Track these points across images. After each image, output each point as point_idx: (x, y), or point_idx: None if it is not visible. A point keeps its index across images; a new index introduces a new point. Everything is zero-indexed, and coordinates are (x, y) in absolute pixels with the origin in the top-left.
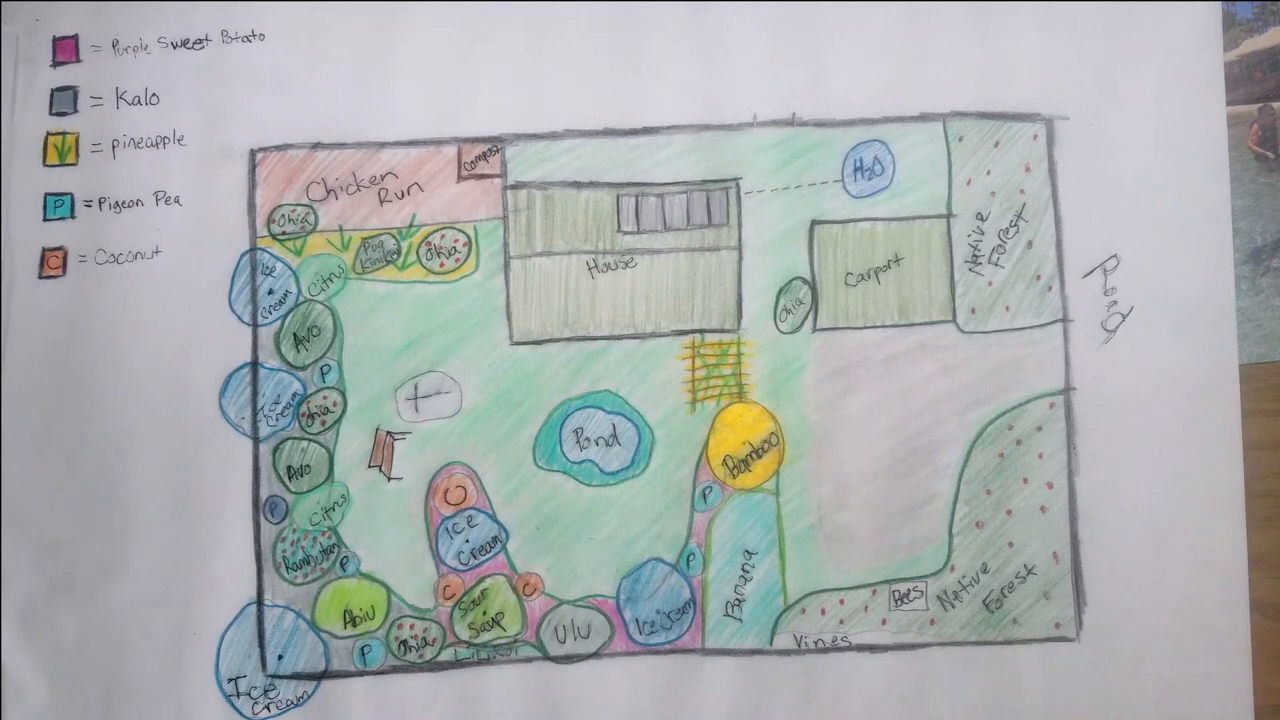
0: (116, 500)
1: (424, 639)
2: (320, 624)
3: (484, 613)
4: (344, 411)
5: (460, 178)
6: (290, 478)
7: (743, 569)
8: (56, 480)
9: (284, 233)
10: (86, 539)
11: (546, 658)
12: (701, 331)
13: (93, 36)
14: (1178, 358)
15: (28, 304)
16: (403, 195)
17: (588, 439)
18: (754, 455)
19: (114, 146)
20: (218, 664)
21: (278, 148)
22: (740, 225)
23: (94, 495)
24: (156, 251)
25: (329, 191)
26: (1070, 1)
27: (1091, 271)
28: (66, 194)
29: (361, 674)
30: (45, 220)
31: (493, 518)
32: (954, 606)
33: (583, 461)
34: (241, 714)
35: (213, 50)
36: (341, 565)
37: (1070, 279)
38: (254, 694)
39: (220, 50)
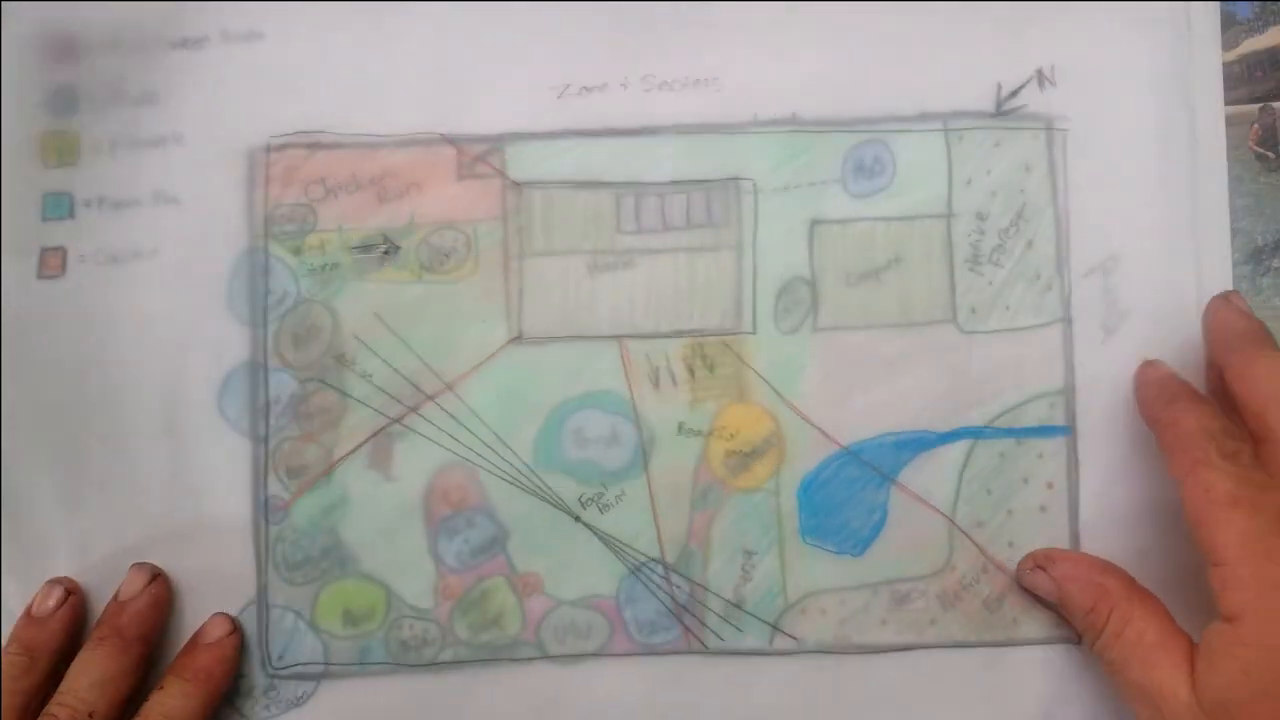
0: (115, 501)
1: (424, 639)
2: (320, 624)
3: (484, 613)
4: (343, 412)
5: (460, 177)
6: (290, 478)
7: (743, 569)
8: (56, 481)
9: (283, 232)
10: (86, 540)
11: (546, 658)
12: (701, 331)
13: (92, 36)
14: (1177, 357)
15: (27, 304)
16: (402, 195)
17: (588, 439)
18: (754, 455)
19: (114, 146)
20: None
21: (277, 147)
22: (740, 225)
23: (93, 496)
24: (156, 251)
25: (328, 191)
26: (1070, 1)
27: (1091, 271)
28: (66, 194)
29: (362, 674)
30: (44, 220)
31: (492, 518)
32: (954, 606)
33: (583, 461)
34: (242, 713)
35: (213, 50)
36: (341, 565)
37: (1070, 278)
38: (254, 693)
39: (220, 50)
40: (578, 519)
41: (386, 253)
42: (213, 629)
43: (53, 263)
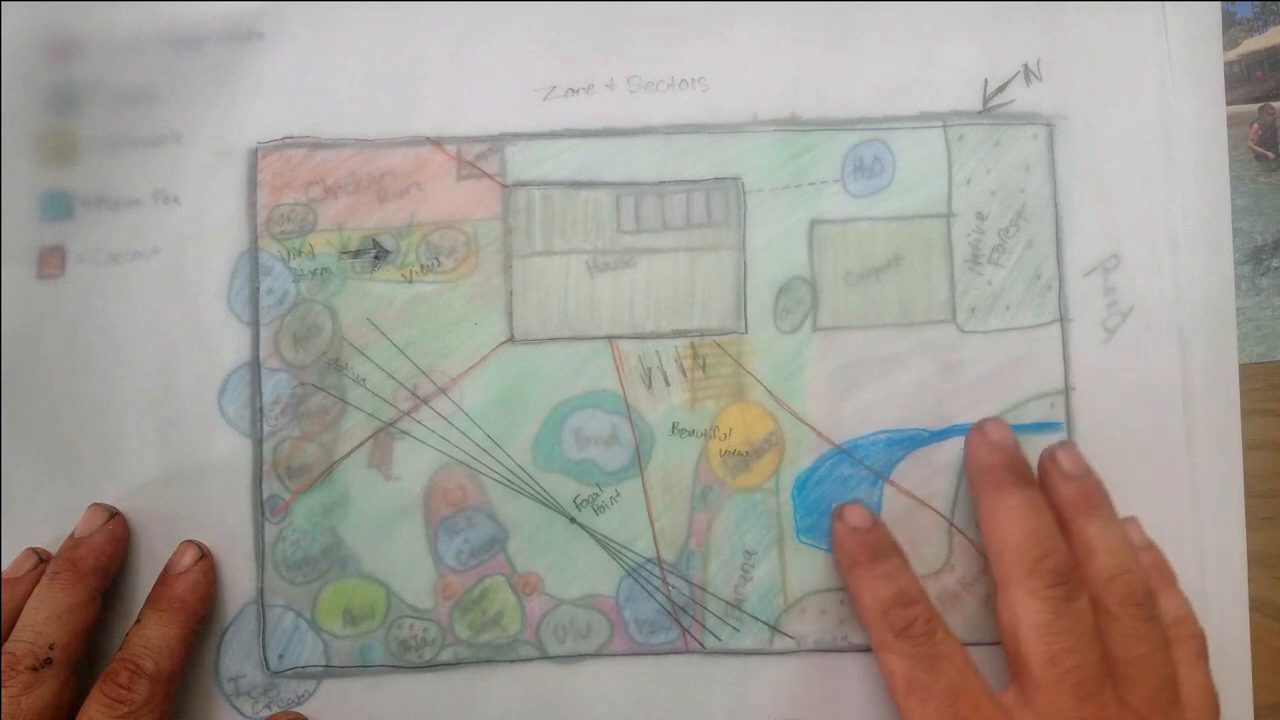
0: (115, 501)
1: (424, 639)
2: (320, 623)
3: (484, 612)
4: (343, 412)
5: (460, 177)
6: (290, 478)
7: (743, 569)
8: (56, 481)
9: (283, 232)
10: None
11: (546, 657)
12: (702, 331)
13: (92, 35)
14: (1178, 357)
15: (27, 304)
16: (402, 195)
17: (587, 439)
18: (754, 455)
19: (113, 146)
20: (218, 663)
21: (277, 147)
22: (740, 225)
23: (93, 496)
24: (155, 251)
25: (328, 191)
26: (1070, 1)
27: (1091, 271)
28: (65, 193)
29: (362, 674)
30: (44, 220)
31: (492, 518)
32: (954, 606)
33: (583, 461)
34: (242, 713)
35: (213, 50)
36: (341, 565)
37: (1070, 278)
38: (254, 693)
39: (220, 50)
40: (573, 520)
41: (377, 257)
42: (181, 557)
43: (52, 263)
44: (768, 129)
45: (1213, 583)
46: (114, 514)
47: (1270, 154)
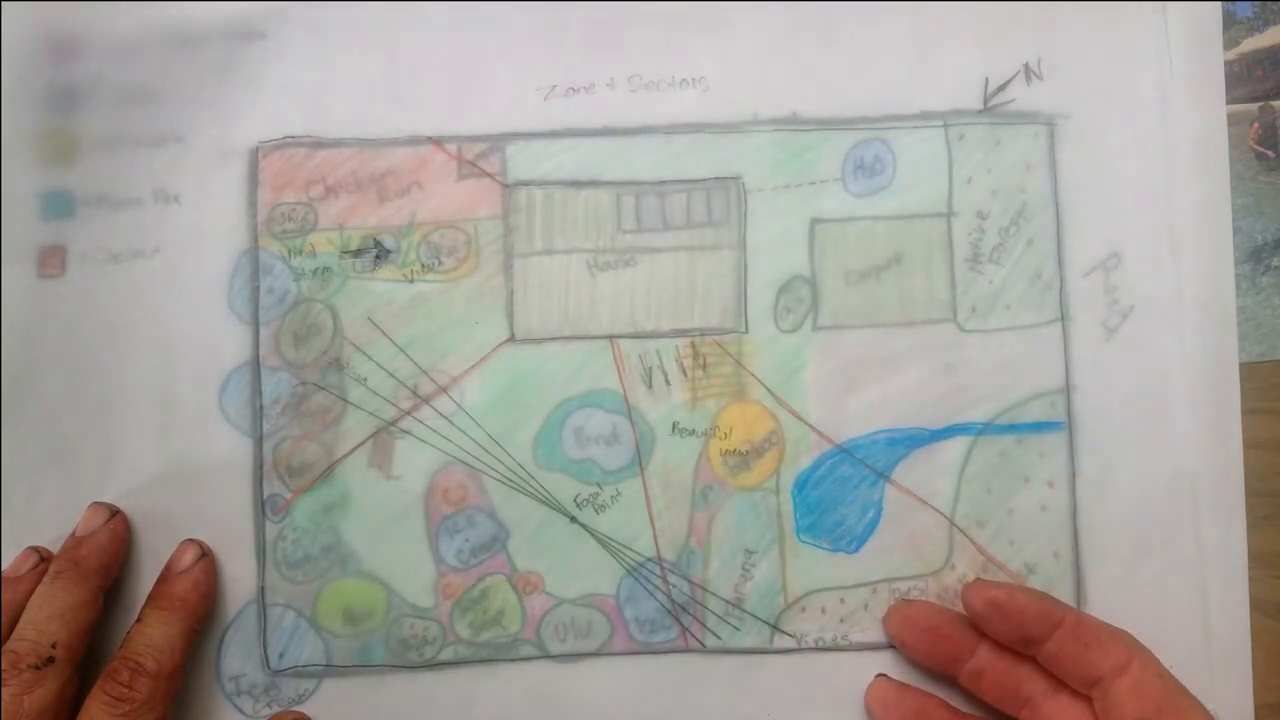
0: (116, 500)
1: (424, 638)
2: (321, 622)
3: (484, 612)
4: (344, 411)
5: (460, 177)
6: (290, 477)
7: (743, 568)
8: (56, 481)
9: (284, 231)
10: None
11: (547, 656)
12: (702, 330)
13: (93, 35)
14: (1178, 356)
15: (27, 303)
16: (403, 194)
17: (588, 438)
18: (754, 454)
19: (114, 146)
20: (219, 662)
21: (278, 147)
22: (740, 224)
23: (93, 495)
24: (156, 251)
25: (329, 190)
26: (1070, 1)
27: (1092, 270)
28: (65, 193)
29: (363, 673)
30: (44, 220)
31: (493, 517)
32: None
33: (583, 460)
34: (243, 712)
35: (213, 49)
36: (342, 564)
37: (1071, 277)
38: (255, 692)
39: (221, 49)
40: (573, 520)
41: (378, 256)
42: (182, 556)
43: (53, 262)
44: (768, 128)
45: (1213, 583)
46: (115, 513)
47: (1270, 153)
